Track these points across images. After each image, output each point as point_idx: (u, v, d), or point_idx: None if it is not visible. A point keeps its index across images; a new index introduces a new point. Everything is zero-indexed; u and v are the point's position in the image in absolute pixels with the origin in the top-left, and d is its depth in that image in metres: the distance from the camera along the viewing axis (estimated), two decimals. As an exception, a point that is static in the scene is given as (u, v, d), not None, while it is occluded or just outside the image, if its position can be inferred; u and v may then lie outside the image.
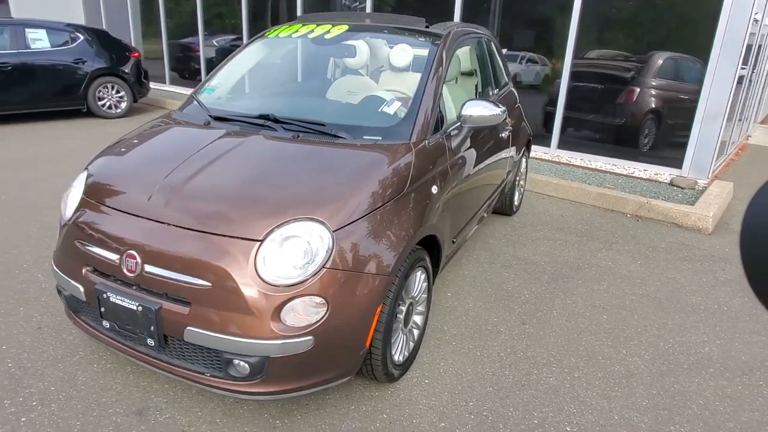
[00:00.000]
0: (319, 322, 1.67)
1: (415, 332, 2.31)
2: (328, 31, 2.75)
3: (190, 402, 2.00)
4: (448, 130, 2.41)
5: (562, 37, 5.93)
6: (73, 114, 7.70)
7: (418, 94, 2.31)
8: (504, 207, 4.08)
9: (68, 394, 2.01)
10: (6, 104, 6.84)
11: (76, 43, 7.51)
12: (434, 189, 2.18)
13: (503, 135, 3.27)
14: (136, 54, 8.26)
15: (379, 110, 2.30)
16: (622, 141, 5.87)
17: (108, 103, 7.84)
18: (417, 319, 2.32)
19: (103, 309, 1.84)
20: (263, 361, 1.68)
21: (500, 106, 2.40)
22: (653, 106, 5.75)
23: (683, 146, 5.51)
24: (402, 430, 1.92)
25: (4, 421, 1.86)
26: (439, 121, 2.39)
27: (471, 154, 2.65)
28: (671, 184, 5.26)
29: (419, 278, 2.20)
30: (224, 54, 9.86)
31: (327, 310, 1.68)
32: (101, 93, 7.74)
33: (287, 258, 1.66)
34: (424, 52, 2.53)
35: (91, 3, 12.73)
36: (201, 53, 10.16)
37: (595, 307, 2.87)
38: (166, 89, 10.59)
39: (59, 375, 2.12)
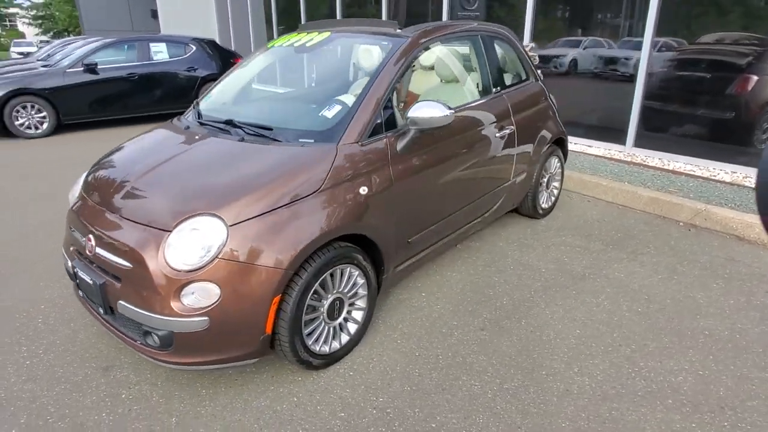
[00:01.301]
0: (213, 306, 1.90)
1: (352, 327, 2.42)
2: (312, 39, 2.95)
3: (146, 366, 2.37)
4: (397, 132, 2.46)
5: (639, 13, 5.34)
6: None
7: (359, 98, 2.40)
8: (527, 209, 3.91)
9: (66, 348, 2.51)
10: (133, 108, 8.15)
11: (189, 53, 8.66)
12: (363, 190, 2.26)
13: (500, 133, 3.17)
14: (238, 59, 9.24)
15: (320, 114, 2.44)
16: (724, 138, 5.06)
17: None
18: (356, 314, 2.43)
19: (78, 281, 2.28)
20: (170, 335, 1.96)
21: (449, 107, 2.38)
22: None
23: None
24: (304, 413, 2.07)
25: (16, 362, 2.40)
26: (389, 123, 2.45)
27: (434, 155, 2.65)
28: (732, 184, 4.50)
29: (349, 275, 2.31)
30: None
31: (220, 296, 1.90)
32: (209, 96, 8.82)
33: (189, 247, 1.92)
34: (383, 55, 2.60)
35: (222, 14, 14.41)
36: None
37: (573, 320, 2.68)
38: (271, 90, 11.61)
39: (67, 333, 2.64)
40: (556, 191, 4.18)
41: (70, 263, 2.33)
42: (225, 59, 9.04)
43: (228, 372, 2.31)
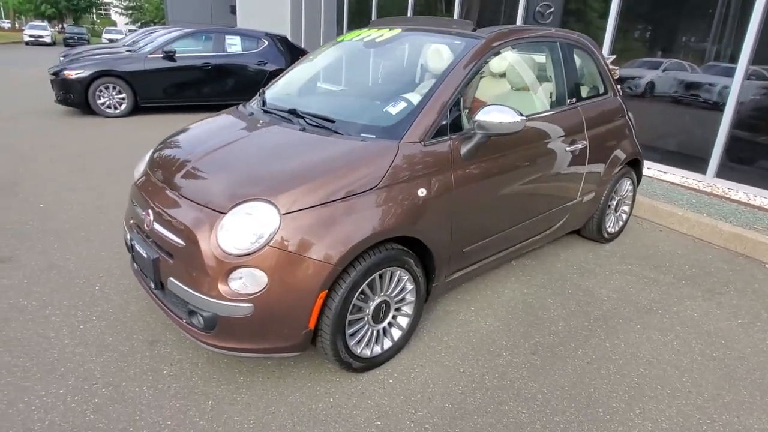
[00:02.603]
0: (259, 293, 1.86)
1: (396, 332, 2.32)
2: (382, 35, 2.89)
3: (189, 345, 2.38)
4: (462, 136, 2.35)
5: (730, 38, 4.95)
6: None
7: (426, 96, 2.31)
8: (591, 232, 3.67)
9: (116, 318, 2.57)
10: (205, 96, 8.47)
11: (261, 48, 8.91)
12: (421, 192, 2.17)
13: (571, 148, 2.98)
14: (308, 57, 9.42)
15: (384, 110, 2.37)
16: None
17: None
18: (402, 320, 2.33)
19: (133, 254, 2.32)
20: (214, 318, 1.93)
21: (520, 114, 2.24)
22: None
23: None
24: (339, 416, 1.99)
25: (70, 324, 2.48)
26: (454, 126, 2.34)
27: (499, 164, 2.51)
28: None
29: (399, 279, 2.21)
30: None
31: (267, 284, 1.85)
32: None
33: (241, 231, 1.89)
34: (454, 55, 2.50)
35: (296, 12, 14.81)
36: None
37: (637, 357, 2.45)
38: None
39: (120, 303, 2.70)
40: (624, 216, 3.91)
41: (128, 236, 2.38)
42: (294, 55, 9.22)
43: (266, 362, 2.28)
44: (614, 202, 3.70)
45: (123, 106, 7.77)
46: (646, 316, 2.83)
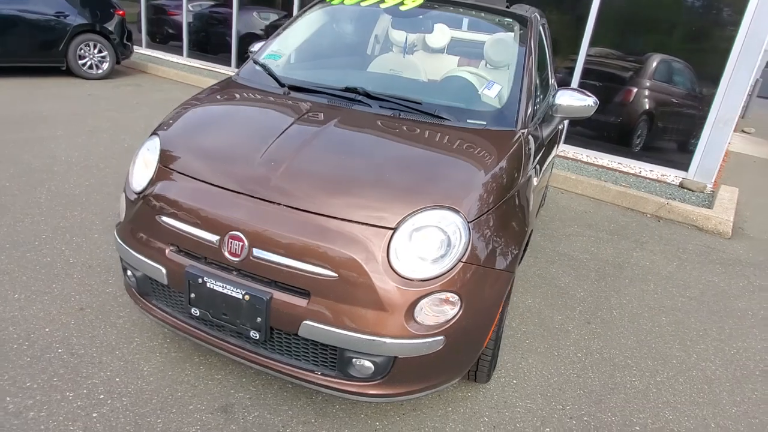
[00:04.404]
0: (452, 321, 1.53)
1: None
2: (402, 3, 2.56)
3: (275, 399, 1.83)
4: (541, 119, 2.30)
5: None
6: (51, 72, 7.05)
7: (517, 79, 2.17)
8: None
9: (137, 386, 1.80)
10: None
11: (56, -6, 6.86)
12: (535, 180, 2.07)
13: (560, 127, 3.19)
14: (121, 12, 7.66)
15: (480, 93, 2.15)
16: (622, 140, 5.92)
17: (89, 63, 7.24)
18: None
19: (193, 295, 1.63)
20: (389, 362, 1.53)
21: (591, 95, 2.29)
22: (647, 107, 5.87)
23: (687, 148, 5.63)
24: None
25: (73, 416, 1.64)
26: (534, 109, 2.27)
27: (551, 145, 2.54)
28: (681, 186, 5.37)
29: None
30: (201, 19, 9.41)
31: (460, 308, 1.54)
32: (82, 51, 7.13)
33: (422, 249, 1.51)
34: (507, 33, 2.40)
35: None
36: (183, 16, 9.53)
37: (651, 308, 2.86)
38: (143, 53, 9.91)
39: (120, 364, 1.89)
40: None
41: (164, 270, 1.66)
42: (104, 9, 7.39)
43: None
44: (551, 172, 4.12)
45: None
46: (623, 271, 3.29)
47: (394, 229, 1.50)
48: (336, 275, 1.47)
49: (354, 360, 1.54)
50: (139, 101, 6.19)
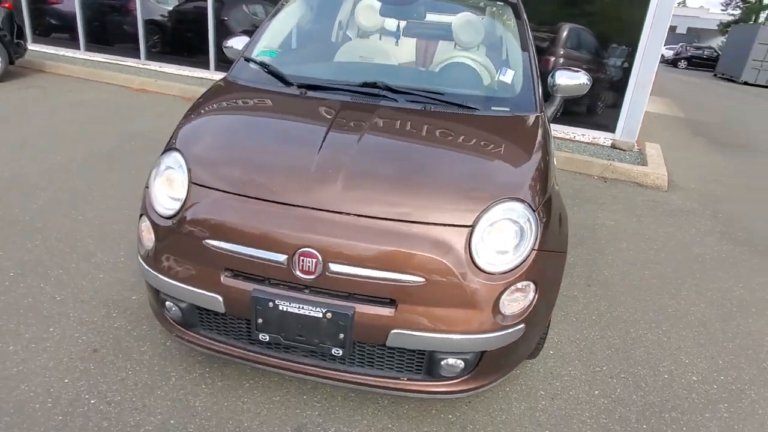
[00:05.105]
0: (530, 308, 1.59)
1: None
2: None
3: (344, 411, 1.79)
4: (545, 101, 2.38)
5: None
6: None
7: (525, 63, 2.23)
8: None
9: (198, 425, 1.66)
10: None
11: None
12: (555, 161, 2.16)
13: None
14: (8, 4, 6.69)
15: (497, 79, 2.18)
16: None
17: (-26, 66, 6.29)
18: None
19: (260, 320, 1.53)
20: (477, 357, 1.56)
21: (584, 73, 2.41)
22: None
23: (613, 111, 6.13)
24: (565, 404, 1.93)
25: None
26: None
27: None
28: (613, 146, 5.85)
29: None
30: (93, 7, 8.48)
31: (535, 294, 1.59)
32: (-35, 51, 6.17)
33: (499, 243, 1.53)
34: (502, 17, 2.45)
35: None
36: (76, 4, 8.51)
37: (633, 264, 3.13)
38: (34, 49, 8.76)
39: (167, 404, 1.74)
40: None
41: (221, 298, 1.55)
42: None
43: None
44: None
45: None
46: (596, 232, 3.56)
47: (472, 227, 1.51)
48: (423, 280, 1.45)
49: (443, 361, 1.54)
50: (55, 104, 5.51)
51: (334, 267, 1.46)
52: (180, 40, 8.31)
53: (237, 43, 2.48)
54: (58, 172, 3.61)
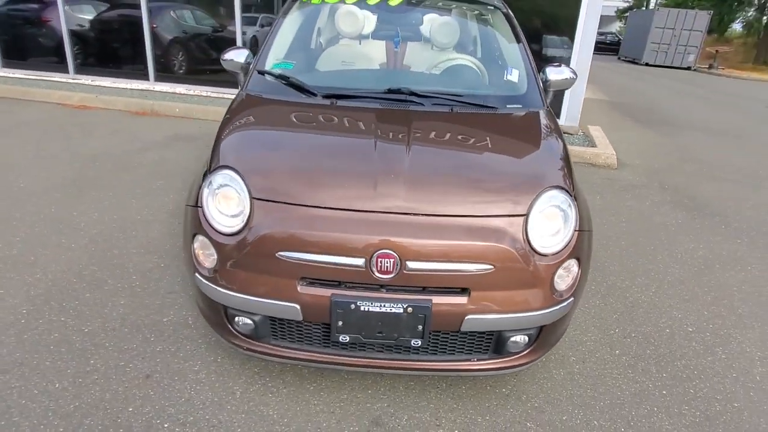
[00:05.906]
0: (576, 283, 1.79)
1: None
2: (387, -3, 2.62)
3: (410, 398, 1.90)
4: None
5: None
6: None
7: (525, 62, 2.43)
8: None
9: (281, 431, 1.71)
10: None
11: None
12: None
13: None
14: None
15: (505, 78, 2.37)
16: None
17: None
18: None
19: (340, 323, 1.61)
20: (538, 331, 1.73)
21: (569, 68, 2.66)
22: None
23: (557, 99, 6.59)
24: (595, 365, 2.17)
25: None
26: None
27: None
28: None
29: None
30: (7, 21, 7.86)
31: (579, 270, 1.80)
32: None
33: (549, 227, 1.71)
34: (493, 19, 2.65)
35: None
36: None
37: (610, 237, 3.47)
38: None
39: (242, 417, 1.77)
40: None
41: (299, 306, 1.62)
42: None
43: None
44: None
45: None
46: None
47: (527, 215, 1.68)
48: (491, 267, 1.60)
49: (511, 338, 1.71)
50: (-12, 129, 5.08)
51: (412, 264, 1.57)
52: (110, 50, 7.85)
53: (236, 56, 2.49)
54: (27, 201, 3.39)
